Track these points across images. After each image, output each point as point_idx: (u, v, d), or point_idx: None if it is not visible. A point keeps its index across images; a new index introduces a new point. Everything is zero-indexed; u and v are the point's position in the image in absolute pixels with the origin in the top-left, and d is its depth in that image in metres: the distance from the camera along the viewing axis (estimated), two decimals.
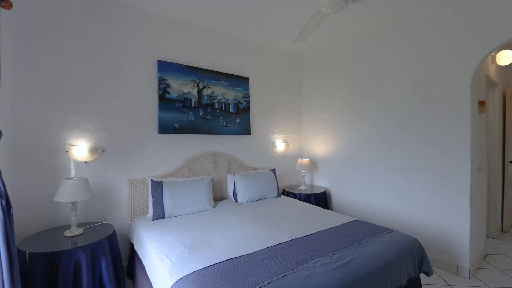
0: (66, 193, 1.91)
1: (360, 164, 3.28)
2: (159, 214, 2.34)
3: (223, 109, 3.11)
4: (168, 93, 2.70)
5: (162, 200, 2.37)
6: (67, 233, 1.93)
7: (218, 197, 3.07)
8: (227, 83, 3.14)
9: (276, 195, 3.13)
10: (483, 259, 2.79)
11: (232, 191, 2.96)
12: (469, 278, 2.40)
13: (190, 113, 2.85)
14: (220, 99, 3.09)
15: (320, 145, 3.81)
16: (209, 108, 2.99)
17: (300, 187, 3.56)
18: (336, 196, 3.59)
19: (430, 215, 2.64)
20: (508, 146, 3.67)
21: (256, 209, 2.63)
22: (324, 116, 3.74)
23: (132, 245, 2.32)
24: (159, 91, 2.65)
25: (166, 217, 2.36)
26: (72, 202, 1.95)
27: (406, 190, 2.84)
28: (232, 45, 3.25)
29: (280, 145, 3.70)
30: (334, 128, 3.61)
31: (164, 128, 2.67)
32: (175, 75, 2.75)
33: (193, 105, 2.88)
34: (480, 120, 2.73)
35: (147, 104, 2.63)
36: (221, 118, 3.09)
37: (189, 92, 2.85)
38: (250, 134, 3.34)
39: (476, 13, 2.34)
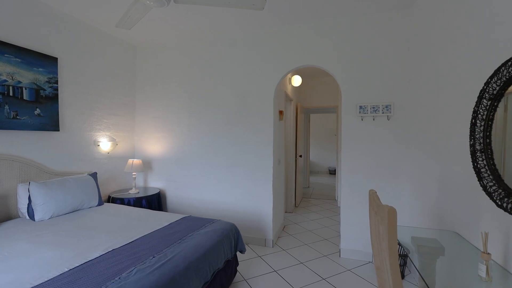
0: None
1: (193, 162, 3.43)
2: None
3: (11, 94, 2.25)
4: None
5: None
6: None
7: (3, 217, 2.19)
8: (18, 60, 2.30)
9: (97, 203, 2.64)
10: (283, 229, 3.69)
11: (26, 206, 2.19)
12: (272, 247, 3.09)
13: None
14: (6, 80, 2.22)
15: (155, 144, 3.63)
16: None
17: (130, 191, 3.22)
18: (172, 196, 3.55)
19: (248, 202, 3.17)
20: (299, 145, 5.13)
21: (64, 225, 2.09)
22: (160, 114, 3.60)
23: None
24: None
25: None
26: None
27: (231, 183, 3.25)
28: (32, 10, 2.41)
29: (105, 145, 3.17)
30: (169, 127, 3.55)
31: None
32: None
33: None
34: (280, 125, 3.60)
35: None
36: (7, 107, 2.22)
37: None
38: (58, 130, 2.61)
39: (278, 43, 3.04)
